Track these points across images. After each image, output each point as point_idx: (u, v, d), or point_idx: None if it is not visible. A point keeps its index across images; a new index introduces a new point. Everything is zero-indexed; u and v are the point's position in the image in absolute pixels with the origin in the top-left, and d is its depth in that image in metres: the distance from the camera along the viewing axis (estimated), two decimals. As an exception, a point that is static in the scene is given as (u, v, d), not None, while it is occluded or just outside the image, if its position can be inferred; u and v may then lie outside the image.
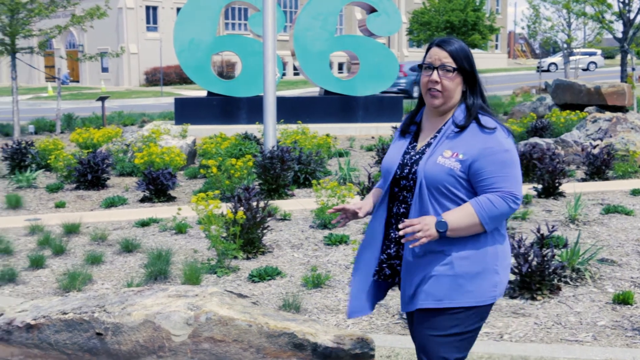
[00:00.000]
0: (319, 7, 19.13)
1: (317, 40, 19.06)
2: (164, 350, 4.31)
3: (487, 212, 2.98)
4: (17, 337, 4.67)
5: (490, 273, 3.08)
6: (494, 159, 2.99)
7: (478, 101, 3.13)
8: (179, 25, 19.07)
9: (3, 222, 9.03)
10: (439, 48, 3.10)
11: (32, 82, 59.94)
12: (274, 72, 11.31)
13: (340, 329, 4.39)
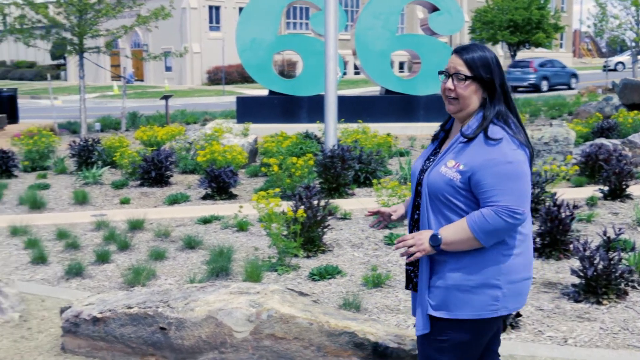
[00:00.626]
0: (381, 6, 19.06)
1: (378, 39, 18.99)
2: (226, 346, 4.36)
3: (480, 227, 2.93)
4: (84, 329, 4.78)
5: (489, 287, 3.00)
6: (494, 171, 2.92)
7: (497, 109, 3.05)
8: (241, 24, 19.23)
9: (71, 217, 9.25)
10: (457, 55, 3.07)
11: (99, 81, 61.19)
12: (335, 71, 11.31)
13: (401, 329, 4.38)
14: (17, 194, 10.76)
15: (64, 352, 4.90)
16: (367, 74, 19.53)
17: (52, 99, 23.70)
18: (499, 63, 3.06)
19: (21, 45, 22.61)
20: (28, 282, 6.61)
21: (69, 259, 7.24)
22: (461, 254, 3.01)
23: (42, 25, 19.90)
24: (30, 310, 5.75)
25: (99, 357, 4.77)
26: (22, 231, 8.35)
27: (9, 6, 19.62)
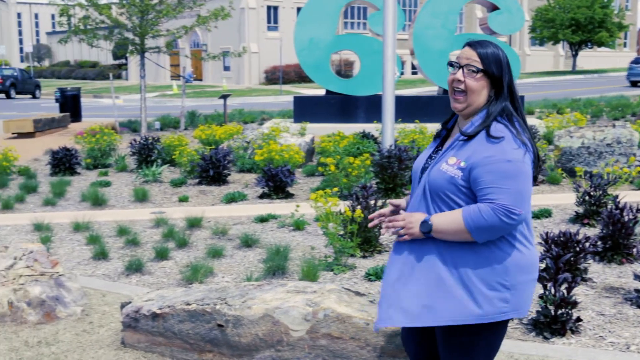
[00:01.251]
0: (440, 6, 18.93)
1: (437, 39, 18.86)
2: (282, 344, 4.38)
3: (474, 222, 2.84)
4: (144, 324, 4.86)
5: (499, 287, 2.91)
6: (492, 168, 2.85)
7: (502, 106, 2.99)
8: (300, 24, 19.30)
9: (131, 214, 9.41)
10: (471, 48, 3.01)
11: (159, 81, 62.14)
12: (393, 71, 11.27)
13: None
14: (80, 190, 10.99)
15: (124, 347, 4.99)
16: (424, 73, 19.41)
17: (114, 98, 24.13)
18: (509, 63, 3.01)
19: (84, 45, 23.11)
20: (90, 277, 6.75)
21: (129, 255, 7.36)
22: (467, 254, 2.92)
23: (105, 25, 20.28)
24: (91, 305, 5.87)
25: (158, 353, 4.84)
26: (84, 227, 8.53)
27: (74, 7, 20.05)
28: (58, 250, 7.69)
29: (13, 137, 20.34)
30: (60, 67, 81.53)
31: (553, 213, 8.73)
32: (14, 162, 12.86)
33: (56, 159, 12.84)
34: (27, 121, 20.50)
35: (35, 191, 11.09)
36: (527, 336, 5.03)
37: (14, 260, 5.78)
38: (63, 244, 7.94)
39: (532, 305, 5.55)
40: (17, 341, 5.15)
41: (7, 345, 5.08)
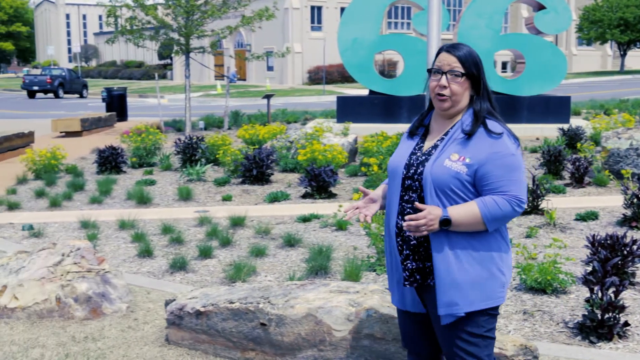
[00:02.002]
0: (485, 5, 18.76)
1: (481, 39, 18.68)
2: (325, 344, 4.38)
3: (491, 213, 3.04)
4: (188, 322, 4.90)
5: (499, 274, 3.13)
6: (500, 163, 3.05)
7: (485, 105, 3.18)
8: (343, 24, 19.30)
9: (175, 212, 9.50)
10: (448, 53, 3.15)
11: (203, 81, 62.66)
12: (437, 71, 11.20)
13: (501, 334, 4.29)
14: (125, 189, 11.14)
15: (168, 344, 5.04)
16: (469, 74, 19.24)
17: (159, 98, 24.41)
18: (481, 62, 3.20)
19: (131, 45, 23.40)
20: (135, 274, 6.83)
21: (173, 253, 7.44)
22: (475, 246, 3.11)
23: (151, 26, 20.52)
24: (136, 302, 5.94)
25: (201, 350, 4.88)
26: (129, 225, 8.64)
27: (121, 8, 20.32)
28: (104, 247, 7.80)
29: (61, 136, 20.70)
30: (107, 67, 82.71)
31: (600, 216, 8.60)
32: (62, 160, 13.09)
33: (102, 157, 13.03)
34: (75, 120, 20.83)
35: (82, 189, 11.27)
36: (572, 340, 4.97)
37: (62, 257, 5.88)
38: (109, 242, 8.05)
39: (578, 308, 5.49)
40: (65, 336, 5.24)
41: (55, 340, 5.18)
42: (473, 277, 3.09)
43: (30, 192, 11.14)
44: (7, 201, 10.16)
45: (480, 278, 3.09)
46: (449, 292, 3.09)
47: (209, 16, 19.69)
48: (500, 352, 4.01)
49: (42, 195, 10.76)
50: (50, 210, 9.85)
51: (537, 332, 5.15)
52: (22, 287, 5.67)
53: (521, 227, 8.18)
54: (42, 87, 48.29)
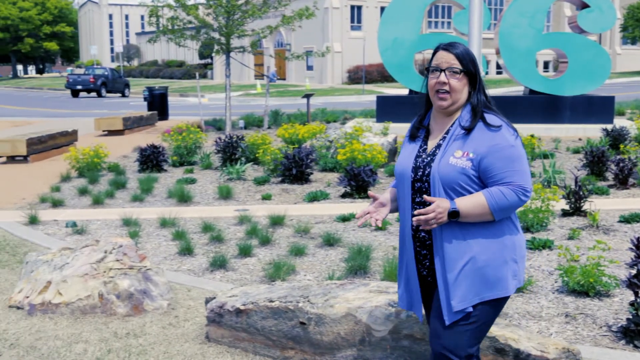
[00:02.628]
0: (527, 4, 18.56)
1: (523, 38, 18.51)
2: (364, 344, 4.37)
3: (498, 203, 3.11)
4: (228, 320, 4.93)
5: (512, 263, 3.21)
6: (501, 154, 3.13)
7: (482, 99, 3.26)
8: (383, 24, 19.25)
9: (215, 211, 9.57)
10: (446, 52, 3.24)
11: (243, 80, 62.97)
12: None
13: (543, 336, 4.24)
14: (167, 187, 11.25)
15: (208, 341, 5.08)
16: (510, 73, 19.08)
17: (200, 97, 24.59)
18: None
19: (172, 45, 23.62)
20: (175, 272, 6.89)
21: (214, 251, 7.49)
22: (486, 238, 3.19)
23: (192, 26, 20.68)
24: (177, 299, 5.99)
25: (241, 348, 4.90)
26: (170, 223, 8.72)
27: (163, 8, 20.51)
28: (145, 245, 7.88)
29: (103, 134, 20.97)
30: (148, 67, 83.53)
31: (644, 217, 8.47)
32: (104, 158, 13.25)
33: (144, 156, 13.17)
34: (117, 119, 21.09)
35: (124, 187, 11.41)
36: (616, 344, 4.89)
37: (105, 254, 5.96)
38: (150, 239, 8.13)
39: (622, 312, 5.41)
40: (107, 332, 5.31)
41: (98, 335, 5.24)
42: (484, 270, 3.16)
43: (74, 189, 11.30)
44: (52, 198, 10.33)
45: (492, 270, 3.16)
46: (460, 286, 3.16)
47: (250, 16, 19.78)
48: (542, 355, 3.97)
49: (85, 193, 10.91)
50: (93, 207, 9.99)
51: (579, 336, 5.08)
52: (65, 283, 5.75)
53: (563, 228, 8.08)
54: (85, 86, 48.99)
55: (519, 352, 3.99)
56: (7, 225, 8.93)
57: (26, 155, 15.04)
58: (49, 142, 16.15)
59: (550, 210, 8.13)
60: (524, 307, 5.66)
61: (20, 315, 5.70)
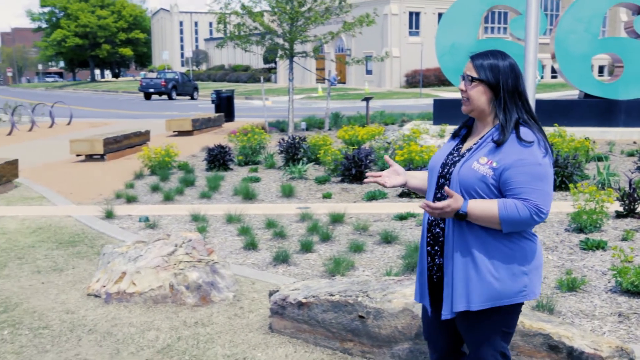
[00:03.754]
0: (583, 10, 18.20)
1: (579, 43, 18.15)
2: (420, 338, 4.36)
3: (509, 215, 2.98)
4: (290, 312, 4.97)
5: (520, 274, 3.09)
6: (525, 170, 2.99)
7: (511, 117, 3.09)
8: (441, 29, 19.11)
9: (278, 208, 9.64)
10: (470, 60, 3.21)
11: (305, 84, 63.18)
12: (534, 75, 10.94)
13: (596, 335, 4.17)
14: (232, 185, 11.37)
15: (271, 332, 5.13)
16: (565, 77, 18.73)
17: (264, 100, 24.77)
18: (515, 73, 3.13)
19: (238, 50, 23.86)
20: (240, 265, 6.96)
21: (276, 246, 7.55)
22: (492, 248, 3.08)
23: (257, 32, 20.85)
24: (242, 291, 6.06)
25: (302, 339, 4.94)
26: (236, 219, 8.81)
27: (230, 15, 20.74)
28: (212, 239, 7.99)
29: (174, 134, 21.31)
30: (215, 71, 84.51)
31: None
32: (174, 157, 13.47)
33: (211, 155, 13.33)
34: (186, 120, 21.41)
35: (192, 185, 11.58)
36: (668, 343, 4.77)
37: (175, 247, 6.06)
38: (217, 234, 8.24)
39: (675, 312, 5.27)
40: (177, 321, 5.41)
41: (169, 323, 5.35)
42: (492, 276, 3.07)
43: (146, 186, 11.52)
44: (126, 194, 10.55)
45: (498, 282, 3.07)
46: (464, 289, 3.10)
47: (312, 22, 19.84)
48: (596, 353, 3.90)
49: (157, 189, 11.11)
50: (164, 203, 10.16)
51: (632, 335, 4.97)
52: (139, 274, 5.88)
53: (617, 229, 7.91)
54: (157, 89, 49.87)
55: (572, 350, 3.93)
56: (85, 219, 9.16)
57: (103, 154, 15.40)
58: (124, 142, 16.49)
59: (604, 212, 7.96)
60: (577, 306, 5.56)
61: (97, 303, 5.85)
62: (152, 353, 4.84)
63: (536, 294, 3.17)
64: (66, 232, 8.49)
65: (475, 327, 3.18)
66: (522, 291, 3.10)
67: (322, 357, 4.71)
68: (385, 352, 4.53)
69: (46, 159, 15.91)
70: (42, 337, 5.15)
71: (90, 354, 4.84)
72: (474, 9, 18.87)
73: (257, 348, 4.87)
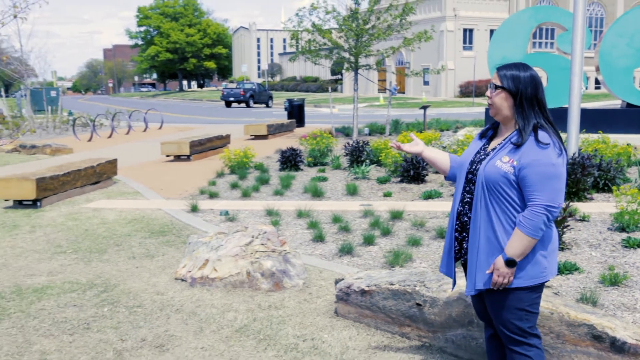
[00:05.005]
0: (626, 26, 17.65)
1: (622, 57, 17.61)
2: (473, 325, 4.29)
3: (532, 228, 3.05)
4: (354, 299, 4.95)
5: (540, 258, 3.16)
6: (539, 170, 3.05)
7: (529, 122, 3.15)
8: (493, 44, 18.79)
9: (343, 205, 9.62)
10: (496, 71, 3.27)
11: (368, 93, 63.00)
12: (580, 86, 10.66)
13: (638, 327, 4.02)
14: (302, 184, 11.41)
15: (337, 316, 5.12)
16: (608, 88, 18.17)
17: (331, 108, 24.79)
18: (535, 84, 3.18)
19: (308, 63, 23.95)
20: (309, 255, 6.96)
21: (342, 239, 7.53)
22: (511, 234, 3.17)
23: (326, 47, 20.90)
24: (310, 279, 6.06)
25: (364, 323, 4.91)
26: (305, 214, 8.83)
27: (302, 32, 20.85)
28: (284, 232, 8.02)
29: (251, 138, 21.52)
30: (288, 82, 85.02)
31: None
32: (251, 158, 13.60)
33: (284, 157, 13.41)
34: (262, 126, 21.60)
35: (267, 183, 11.66)
36: None
37: (252, 239, 6.11)
38: (288, 227, 8.27)
39: None
40: (253, 304, 5.45)
41: (245, 306, 5.40)
42: None
43: (226, 184, 11.66)
44: (209, 191, 10.70)
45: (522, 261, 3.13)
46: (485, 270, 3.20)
47: (375, 38, 19.78)
48: (638, 344, 3.75)
49: (236, 187, 11.24)
50: (242, 199, 10.26)
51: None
52: (220, 262, 5.95)
53: (657, 229, 7.61)
54: (236, 98, 50.50)
55: (615, 340, 3.80)
56: (173, 212, 9.33)
57: (189, 155, 15.66)
58: (207, 144, 16.75)
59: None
60: (619, 300, 5.38)
61: (183, 286, 5.95)
62: (231, 332, 4.89)
63: (554, 274, 3.24)
64: (157, 223, 8.66)
65: (501, 305, 3.24)
66: (542, 272, 3.18)
67: (382, 340, 4.68)
68: (439, 337, 4.47)
69: (140, 159, 16.28)
70: (136, 315, 5.26)
71: (177, 331, 4.92)
72: (523, 26, 18.49)
73: (324, 330, 4.87)
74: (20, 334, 4.91)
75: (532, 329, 3.26)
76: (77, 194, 10.83)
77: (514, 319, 3.23)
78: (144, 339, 4.79)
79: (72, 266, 6.69)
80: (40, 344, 4.71)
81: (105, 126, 28.07)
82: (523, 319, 3.23)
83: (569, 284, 5.81)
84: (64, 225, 8.62)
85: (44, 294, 5.79)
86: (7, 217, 9.17)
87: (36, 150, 18.36)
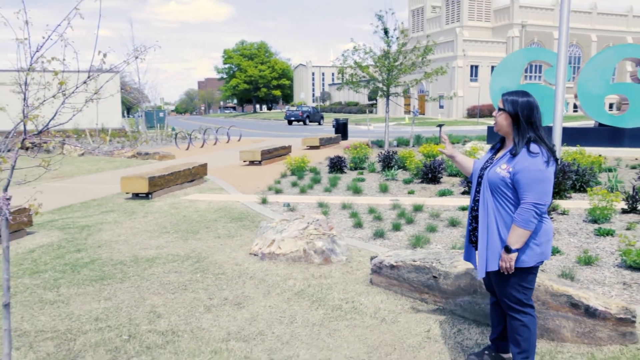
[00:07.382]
0: (599, 63, 17.09)
1: (595, 87, 17.05)
2: (477, 293, 4.22)
3: (523, 222, 3.00)
4: (385, 272, 4.91)
5: (534, 246, 3.08)
6: (529, 175, 2.98)
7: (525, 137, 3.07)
8: (494, 77, 18.41)
9: (376, 200, 9.56)
10: (502, 96, 3.21)
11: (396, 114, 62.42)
12: (562, 109, 10.36)
13: (607, 297, 3.89)
14: (346, 183, 11.38)
15: (371, 284, 5.10)
16: (585, 111, 17.59)
17: (368, 125, 24.67)
18: (531, 107, 3.08)
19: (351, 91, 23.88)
20: (350, 238, 6.94)
21: (375, 226, 7.49)
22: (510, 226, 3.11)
23: (364, 79, 20.80)
24: (351, 256, 6.05)
25: (393, 291, 4.88)
26: (348, 207, 8.81)
27: (346, 68, 20.82)
28: (332, 220, 8.01)
29: (307, 148, 21.56)
30: (335, 106, 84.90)
31: (689, 217, 7.51)
32: (307, 164, 13.64)
33: (332, 162, 13.41)
34: (315, 139, 21.61)
35: (319, 182, 11.67)
36: (664, 308, 4.39)
37: (307, 224, 6.13)
38: (335, 216, 8.26)
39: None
40: (307, 274, 5.47)
41: (302, 275, 5.42)
42: None
43: (288, 183, 11.71)
44: (275, 188, 10.77)
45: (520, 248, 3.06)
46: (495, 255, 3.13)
47: (402, 72, 19.60)
48: (606, 310, 3.64)
49: (295, 185, 11.27)
50: (299, 195, 10.30)
51: (634, 299, 4.61)
52: (283, 242, 5.98)
53: (622, 222, 7.35)
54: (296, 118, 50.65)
55: (588, 307, 3.69)
56: (249, 203, 9.42)
57: (260, 161, 15.79)
58: (274, 152, 16.86)
59: (612, 209, 7.44)
60: (592, 276, 5.22)
61: (255, 260, 6.00)
62: (291, 294, 4.92)
63: (547, 257, 3.15)
64: (236, 212, 8.76)
65: (503, 282, 3.19)
66: (536, 257, 3.11)
67: (406, 304, 4.64)
68: (451, 302, 4.41)
69: (224, 163, 16.50)
70: (220, 280, 5.34)
71: (251, 293, 4.98)
72: (518, 63, 18.07)
73: (361, 295, 4.86)
74: (137, 291, 5.04)
75: (527, 300, 3.21)
76: (178, 189, 11.05)
77: (513, 292, 3.19)
78: (226, 298, 4.86)
79: (174, 243, 6.84)
80: (151, 299, 4.83)
81: (198, 139, 28.56)
82: (521, 292, 3.18)
83: (552, 263, 5.66)
84: (168, 212, 8.80)
85: (153, 263, 5.93)
86: (128, 206, 9.42)
87: (148, 157, 18.81)
